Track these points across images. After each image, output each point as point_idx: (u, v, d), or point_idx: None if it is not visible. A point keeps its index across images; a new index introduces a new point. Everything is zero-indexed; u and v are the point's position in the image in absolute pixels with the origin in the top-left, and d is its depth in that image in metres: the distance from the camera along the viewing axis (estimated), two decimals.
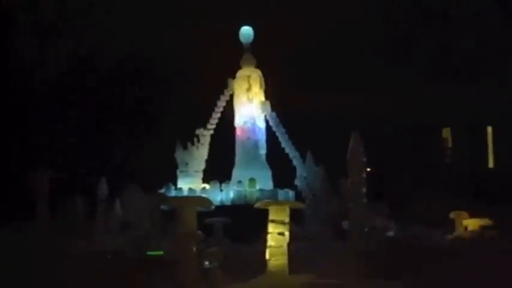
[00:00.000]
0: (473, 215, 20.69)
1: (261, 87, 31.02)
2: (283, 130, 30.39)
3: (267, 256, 13.93)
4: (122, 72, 36.82)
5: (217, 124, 31.02)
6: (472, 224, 20.48)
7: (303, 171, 29.06)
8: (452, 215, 20.58)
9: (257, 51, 31.62)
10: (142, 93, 37.69)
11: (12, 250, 15.71)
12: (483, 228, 20.28)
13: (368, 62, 38.61)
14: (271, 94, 31.50)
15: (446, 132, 38.24)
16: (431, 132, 38.29)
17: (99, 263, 15.34)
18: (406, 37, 39.39)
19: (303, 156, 29.41)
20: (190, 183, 28.96)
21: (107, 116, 35.93)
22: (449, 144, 37.97)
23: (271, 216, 14.01)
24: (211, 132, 30.81)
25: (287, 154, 30.06)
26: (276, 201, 19.24)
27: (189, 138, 30.09)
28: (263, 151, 30.58)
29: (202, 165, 30.00)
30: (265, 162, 30.44)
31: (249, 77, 30.86)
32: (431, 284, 13.04)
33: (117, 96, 36.67)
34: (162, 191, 27.70)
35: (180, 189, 28.51)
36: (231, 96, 31.18)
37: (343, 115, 35.00)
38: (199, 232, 13.84)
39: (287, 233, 13.99)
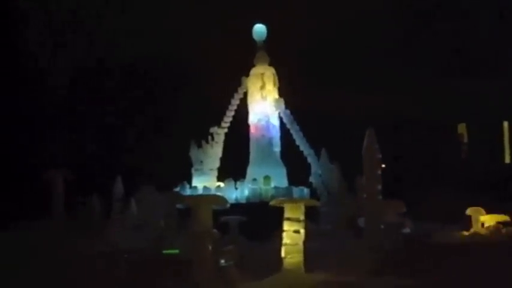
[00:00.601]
0: (489, 211, 20.55)
1: (274, 84, 31.00)
2: (297, 127, 30.35)
3: (283, 254, 13.92)
4: (136, 72, 36.94)
5: (231, 122, 31.05)
6: (488, 220, 20.35)
7: (317, 168, 28.99)
8: (468, 211, 20.46)
9: (270, 49, 31.61)
10: (157, 92, 37.79)
11: (28, 249, 15.82)
12: (500, 224, 20.14)
13: (383, 59, 38.45)
14: (285, 91, 31.47)
15: (461, 128, 38.00)
16: (447, 128, 38.07)
17: (114, 262, 15.40)
18: (422, 33, 39.19)
19: (317, 154, 29.34)
20: (205, 181, 29.00)
21: (122, 115, 36.07)
22: (465, 140, 37.72)
23: (286, 214, 14.00)
24: (226, 130, 30.84)
25: (301, 151, 30.01)
26: (291, 198, 19.23)
27: (203, 137, 30.15)
28: (277, 148, 30.56)
29: (217, 164, 30.03)
30: (280, 160, 30.41)
31: (262, 74, 30.85)
32: (448, 281, 12.96)
33: (132, 95, 36.79)
34: (177, 189, 27.76)
35: (195, 187, 28.57)
36: (245, 94, 31.19)
37: (357, 112, 34.91)
38: (215, 230, 13.86)
39: (302, 231, 13.96)
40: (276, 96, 30.97)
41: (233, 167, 30.05)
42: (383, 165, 17.37)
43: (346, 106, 36.05)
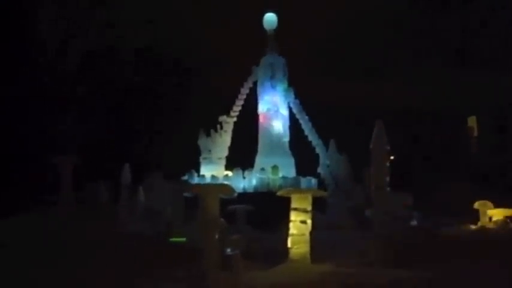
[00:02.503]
0: (498, 205, 20.49)
1: (284, 74, 30.93)
2: (307, 117, 30.31)
3: (289, 244, 13.96)
4: (146, 60, 36.99)
5: (240, 111, 31.02)
6: (496, 214, 20.30)
7: (325, 159, 28.98)
8: (476, 205, 20.40)
9: (281, 38, 31.54)
10: (167, 80, 37.85)
11: (37, 234, 15.93)
12: (508, 218, 20.09)
13: (393, 50, 38.31)
14: (295, 81, 31.43)
15: (472, 121, 37.78)
16: (457, 120, 37.92)
17: (121, 248, 15.48)
18: (432, 24, 38.99)
19: (325, 144, 29.32)
20: (213, 170, 29.02)
21: (132, 103, 36.15)
22: (475, 133, 37.53)
23: (293, 204, 14.03)
24: (235, 119, 30.81)
25: (310, 142, 29.99)
26: (298, 189, 19.26)
27: (212, 126, 30.15)
28: (286, 138, 30.52)
29: (225, 153, 30.03)
30: (288, 150, 30.39)
31: (272, 64, 30.78)
32: (455, 274, 12.97)
33: (142, 83, 36.86)
34: (185, 178, 27.81)
35: (203, 176, 28.59)
36: (255, 84, 31.14)
37: (367, 103, 34.86)
38: (222, 219, 13.89)
39: (309, 221, 13.99)
40: (286, 85, 30.92)
41: (241, 156, 30.04)
42: (391, 157, 17.33)
43: (356, 97, 36.00)
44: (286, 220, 14.11)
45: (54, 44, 33.37)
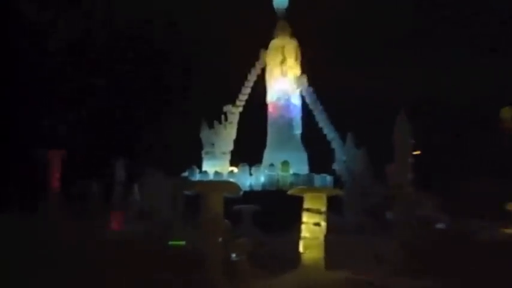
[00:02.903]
0: None
1: (296, 59, 30.93)
2: (321, 108, 30.30)
3: (301, 249, 13.94)
4: (145, 46, 37.01)
5: (247, 101, 31.03)
6: None
7: (342, 154, 28.97)
8: (509, 206, 20.34)
9: (293, 19, 31.48)
10: (166, 67, 37.87)
11: (25, 233, 16.00)
12: None
13: (421, 36, 38.19)
14: (308, 67, 31.38)
15: (506, 112, 37.53)
16: (489, 112, 37.75)
17: (113, 251, 15.52)
18: (461, 11, 38.88)
19: (342, 138, 29.32)
20: (216, 166, 29.13)
21: (128, 93, 36.21)
22: (510, 126, 37.33)
23: (306, 205, 14.00)
24: (241, 109, 30.85)
25: (325, 135, 29.99)
26: (311, 187, 19.25)
27: (215, 116, 30.19)
28: (298, 131, 30.57)
29: (230, 146, 30.09)
30: (301, 144, 30.43)
31: (283, 48, 30.78)
32: (486, 283, 12.94)
33: (140, 71, 36.92)
34: (186, 174, 27.92)
35: (205, 172, 28.70)
36: (263, 70, 31.14)
37: (390, 93, 34.75)
38: (226, 221, 13.91)
39: (323, 224, 13.97)
40: (298, 72, 30.92)
41: (248, 150, 30.12)
42: (418, 152, 17.27)
43: (377, 86, 35.88)
44: (298, 222, 14.11)
45: (47, 37, 33.45)
